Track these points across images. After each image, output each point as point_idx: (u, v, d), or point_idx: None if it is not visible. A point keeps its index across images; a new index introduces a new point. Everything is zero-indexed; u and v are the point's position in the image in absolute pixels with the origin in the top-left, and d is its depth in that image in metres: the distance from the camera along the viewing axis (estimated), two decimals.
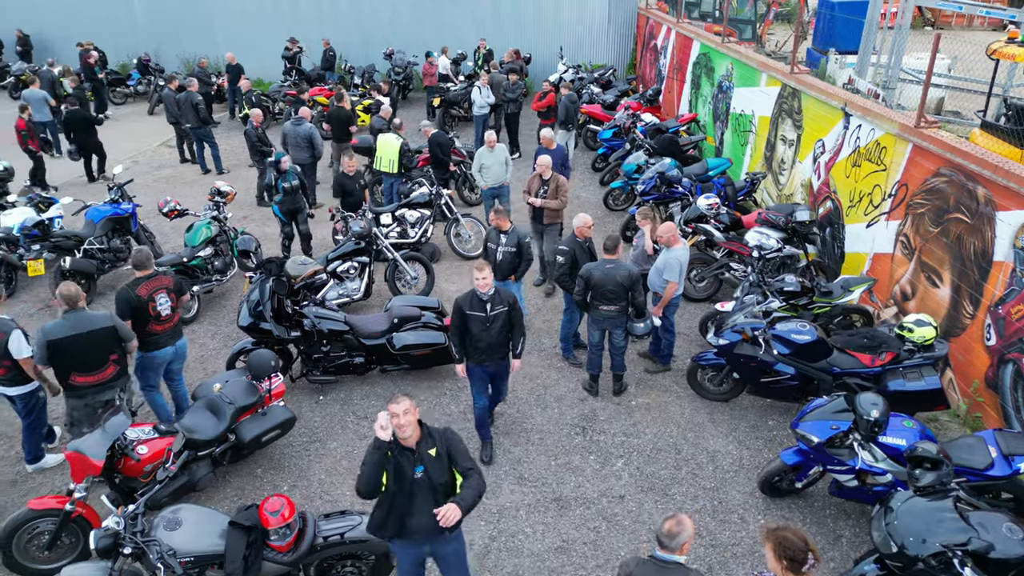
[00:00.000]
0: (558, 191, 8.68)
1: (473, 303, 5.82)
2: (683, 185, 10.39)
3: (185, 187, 13.59)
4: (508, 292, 5.95)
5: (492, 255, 7.54)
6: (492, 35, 19.43)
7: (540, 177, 8.82)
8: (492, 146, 10.06)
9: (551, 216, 8.82)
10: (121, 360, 5.71)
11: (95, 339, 5.49)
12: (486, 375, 6.14)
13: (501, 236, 7.54)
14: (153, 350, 6.13)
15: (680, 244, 7.10)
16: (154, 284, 6.07)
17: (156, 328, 6.09)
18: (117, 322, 5.59)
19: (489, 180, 10.07)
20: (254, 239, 8.38)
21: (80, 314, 5.52)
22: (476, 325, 5.81)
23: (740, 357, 6.60)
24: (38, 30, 21.66)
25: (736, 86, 12.42)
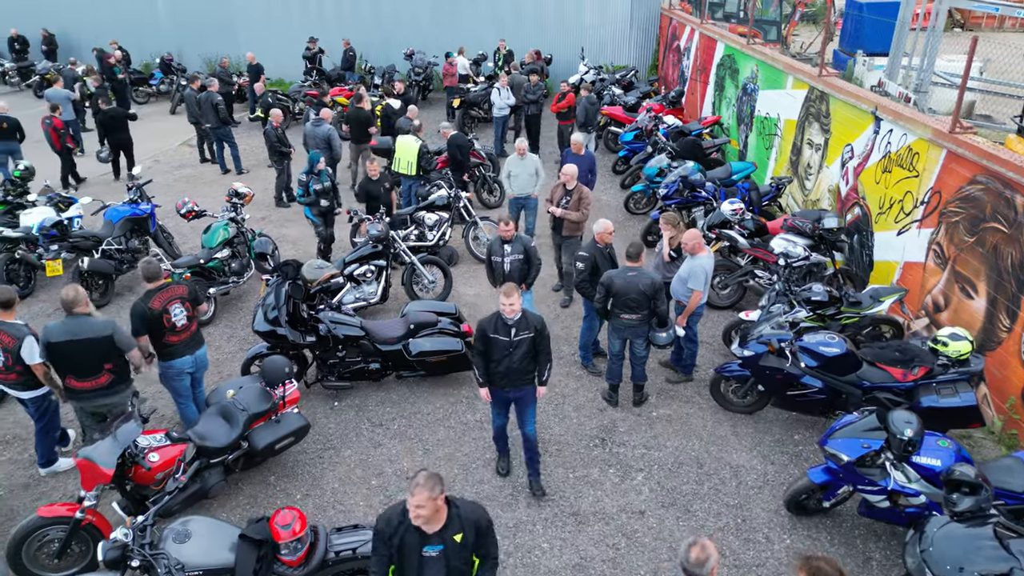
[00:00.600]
0: (580, 202, 8.38)
1: (497, 326, 5.47)
2: (706, 189, 10.18)
3: (205, 187, 13.60)
4: (536, 317, 5.60)
5: (499, 267, 7.30)
6: (513, 35, 19.29)
7: (564, 186, 8.54)
8: (522, 154, 9.71)
9: (571, 228, 8.52)
10: (118, 369, 5.58)
11: (91, 346, 5.41)
12: (509, 401, 5.84)
13: (505, 246, 7.28)
14: (171, 359, 6.04)
15: (705, 252, 6.91)
16: (167, 295, 5.96)
17: (173, 339, 5.99)
18: (116, 331, 5.46)
19: (516, 189, 9.76)
20: (271, 241, 8.31)
21: (80, 320, 5.45)
22: (498, 350, 5.48)
23: (766, 369, 6.40)
24: (63, 29, 21.88)
25: (761, 88, 12.17)
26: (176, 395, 6.25)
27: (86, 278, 8.82)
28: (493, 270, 7.45)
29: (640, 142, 13.28)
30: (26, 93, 20.84)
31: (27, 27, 21.58)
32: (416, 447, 6.53)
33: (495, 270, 7.40)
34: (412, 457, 6.40)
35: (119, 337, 5.46)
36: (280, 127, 12.06)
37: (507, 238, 7.25)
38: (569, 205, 8.40)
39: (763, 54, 12.07)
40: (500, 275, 7.29)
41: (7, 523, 5.62)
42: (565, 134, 14.20)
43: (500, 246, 7.29)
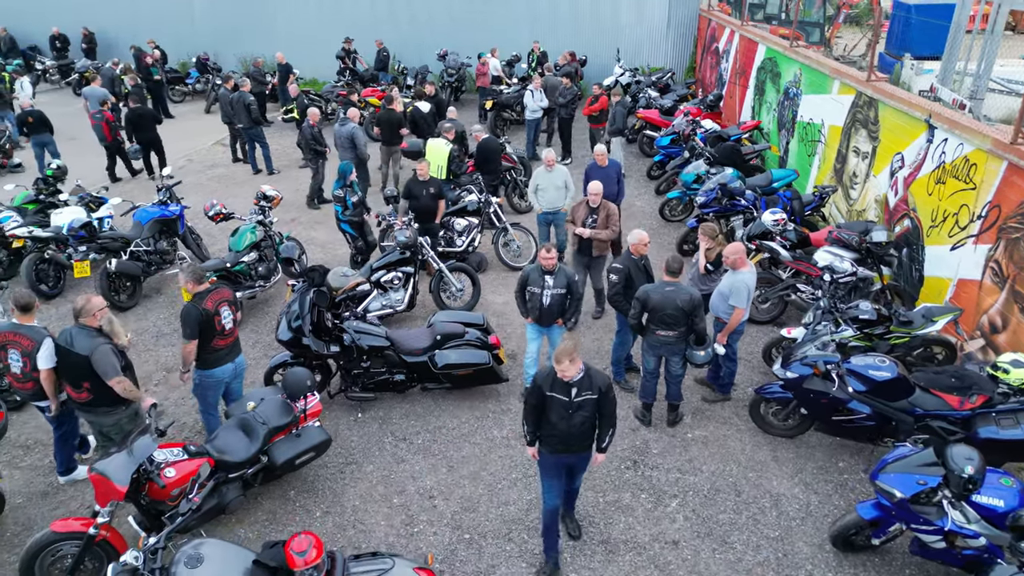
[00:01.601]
0: (608, 220, 7.91)
1: (555, 383, 4.73)
2: (746, 198, 9.80)
3: (236, 187, 13.57)
4: (602, 376, 4.81)
5: (536, 299, 6.59)
6: (547, 36, 19.03)
7: (587, 204, 8.02)
8: (551, 166, 9.18)
9: (600, 247, 8.05)
10: (96, 391, 5.31)
11: (75, 360, 5.26)
12: (561, 467, 5.03)
13: (547, 277, 6.53)
14: (212, 367, 5.89)
15: (747, 267, 6.57)
16: (218, 296, 5.85)
17: (220, 343, 5.86)
18: (96, 356, 5.18)
19: (544, 204, 9.24)
20: (298, 246, 8.17)
21: (80, 331, 5.31)
22: (556, 411, 4.75)
23: (810, 392, 6.05)
24: (102, 28, 22.15)
25: (804, 93, 11.74)
26: (204, 405, 6.11)
27: (114, 279, 8.78)
28: (527, 301, 6.69)
29: (676, 147, 12.92)
30: (65, 91, 21.14)
31: (68, 26, 21.90)
32: (440, 464, 6.31)
33: (530, 302, 6.64)
34: (436, 475, 6.18)
35: (96, 360, 5.18)
36: (317, 126, 11.99)
37: (549, 268, 6.51)
38: (597, 224, 7.92)
39: (807, 57, 11.64)
40: (536, 308, 6.60)
41: (23, 533, 5.53)
42: (597, 138, 13.93)
43: (540, 276, 6.54)
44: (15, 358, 5.49)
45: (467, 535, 5.56)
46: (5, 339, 5.52)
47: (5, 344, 5.52)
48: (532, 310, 6.68)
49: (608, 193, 9.22)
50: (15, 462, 6.34)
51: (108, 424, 5.51)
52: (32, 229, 8.99)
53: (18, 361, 5.48)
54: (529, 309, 6.71)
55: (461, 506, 5.83)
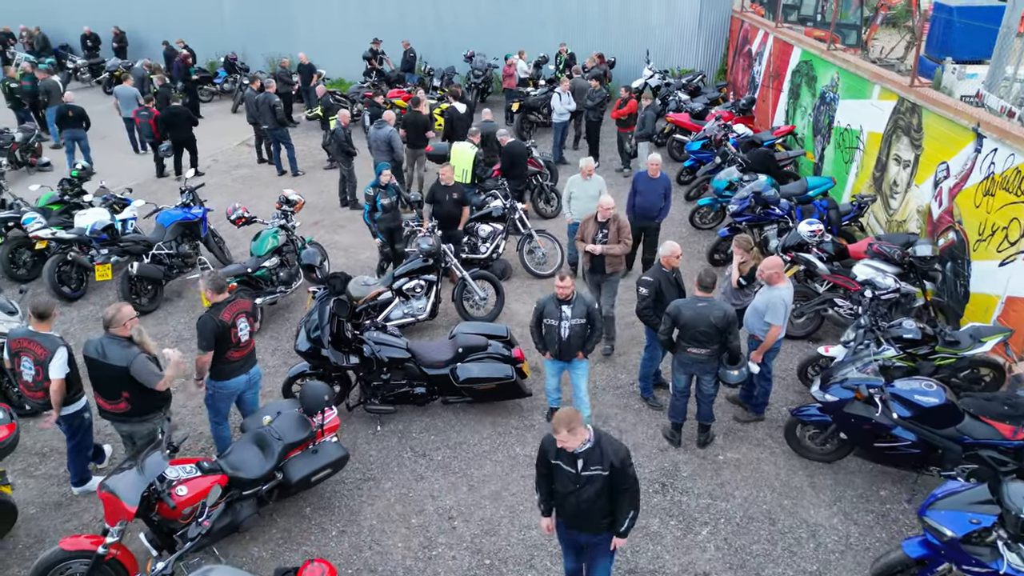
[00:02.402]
0: (620, 233, 7.43)
1: (560, 454, 4.15)
2: (781, 207, 9.46)
3: (260, 188, 13.50)
4: (617, 448, 4.13)
5: (554, 332, 6.10)
6: (576, 37, 18.76)
7: (595, 219, 7.49)
8: (588, 175, 8.85)
9: (613, 263, 7.54)
10: (136, 400, 5.23)
11: (111, 371, 5.14)
12: (578, 545, 4.52)
13: (564, 307, 6.05)
14: (226, 379, 5.75)
15: (785, 283, 6.26)
16: (236, 308, 5.70)
17: (235, 355, 5.71)
18: (135, 366, 5.08)
19: (577, 214, 8.82)
20: (319, 252, 8.02)
21: (111, 341, 5.15)
22: (562, 482, 4.20)
23: (851, 417, 5.73)
24: (133, 27, 22.33)
25: (842, 98, 11.34)
26: (215, 416, 5.96)
27: (135, 283, 8.69)
28: (543, 334, 6.23)
29: (707, 152, 12.58)
30: (96, 89, 21.31)
31: (99, 25, 22.09)
32: (460, 482, 6.09)
33: (548, 335, 6.18)
34: (456, 494, 5.96)
35: (136, 371, 5.08)
36: (348, 127, 11.88)
37: (565, 297, 6.06)
38: (608, 239, 7.43)
39: (846, 61, 11.24)
40: (555, 342, 6.13)
41: (35, 545, 5.42)
42: (624, 142, 13.64)
43: (556, 307, 6.06)
44: (27, 366, 5.38)
45: (487, 560, 5.33)
46: (20, 346, 5.42)
47: (19, 351, 5.42)
48: (550, 344, 6.20)
49: (651, 207, 8.95)
50: (30, 470, 6.25)
51: (143, 433, 5.40)
52: (55, 230, 8.95)
53: (30, 369, 5.37)
54: (547, 343, 6.24)
55: (481, 528, 5.61)
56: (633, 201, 9.04)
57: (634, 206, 9.03)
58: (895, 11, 21.57)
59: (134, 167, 14.62)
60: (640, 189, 8.99)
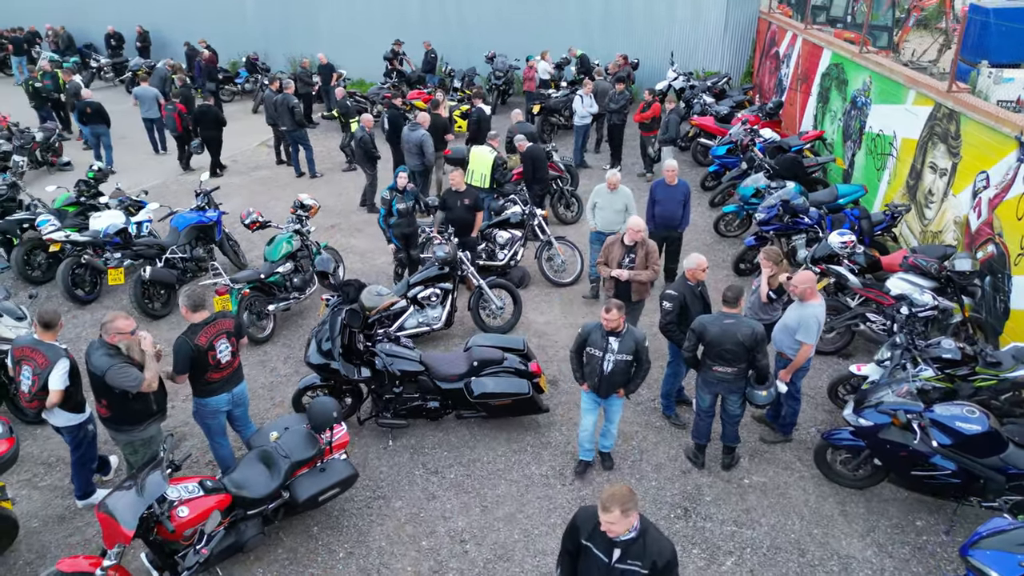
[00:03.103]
0: (648, 259, 6.96)
1: (596, 532, 3.62)
2: (810, 216, 9.12)
3: (278, 189, 13.38)
4: (665, 545, 3.60)
5: (595, 364, 5.57)
6: (599, 39, 18.48)
7: (622, 242, 7.00)
8: (613, 187, 8.47)
9: (640, 291, 7.12)
10: (116, 407, 5.07)
11: (91, 375, 5.02)
12: None
13: (611, 340, 5.52)
14: (207, 397, 5.53)
15: (818, 299, 5.95)
16: (214, 330, 5.43)
17: (214, 376, 5.48)
18: (111, 374, 4.88)
19: (601, 224, 8.54)
20: (333, 259, 7.84)
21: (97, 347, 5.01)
22: (589, 569, 3.68)
23: (886, 443, 5.42)
24: (156, 27, 22.38)
25: (875, 102, 10.96)
26: (209, 433, 5.75)
27: (147, 287, 8.57)
28: (583, 363, 5.74)
29: (733, 157, 12.24)
30: (119, 88, 21.38)
31: (124, 24, 22.18)
32: (473, 503, 5.86)
33: (588, 366, 5.67)
34: (468, 515, 5.73)
35: (111, 380, 4.89)
36: (371, 131, 11.71)
37: (614, 329, 5.53)
38: (635, 263, 6.98)
39: (879, 64, 10.86)
40: (595, 375, 5.61)
41: (36, 561, 5.28)
42: (647, 146, 13.34)
43: (603, 337, 5.54)
44: (26, 375, 5.24)
45: None
46: (22, 354, 5.28)
47: (21, 359, 5.28)
48: (589, 376, 5.69)
49: (671, 216, 8.64)
50: (35, 480, 6.12)
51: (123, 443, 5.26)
52: (69, 233, 8.85)
53: (28, 379, 5.23)
54: (586, 374, 5.74)
55: (495, 553, 5.37)
56: (652, 211, 8.74)
57: (654, 215, 8.74)
58: (927, 12, 21.04)
59: (154, 167, 14.60)
60: (659, 198, 8.68)
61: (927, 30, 21.97)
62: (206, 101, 13.70)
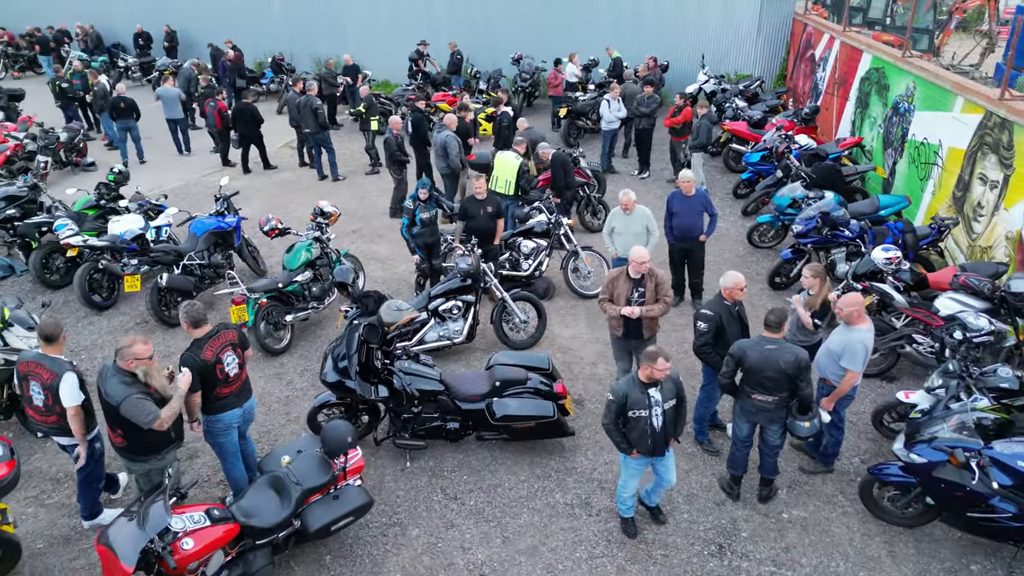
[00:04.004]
0: (659, 290, 6.23)
1: None
2: (851, 229, 8.68)
3: (299, 193, 13.20)
4: None
5: (643, 425, 4.96)
6: (629, 40, 18.04)
7: (627, 275, 6.23)
8: (628, 208, 7.82)
9: (652, 326, 6.36)
10: (129, 438, 4.80)
11: (105, 404, 4.73)
12: None
13: (652, 392, 4.94)
14: (218, 413, 5.30)
15: (866, 324, 5.54)
16: (219, 342, 5.20)
17: (224, 391, 5.24)
18: (126, 405, 4.60)
19: (621, 249, 7.88)
20: (352, 269, 7.58)
21: (113, 374, 4.72)
22: None
23: (941, 482, 5.02)
24: (184, 26, 22.39)
25: (918, 109, 10.46)
26: (222, 453, 5.50)
27: (164, 294, 8.40)
28: (631, 431, 5.04)
29: (767, 164, 11.81)
30: (146, 88, 21.40)
31: (152, 23, 22.23)
32: (493, 532, 5.55)
33: (635, 430, 5.00)
34: (489, 546, 5.43)
35: (126, 413, 4.61)
36: (399, 135, 11.46)
37: (656, 380, 4.93)
38: (645, 298, 6.25)
39: (923, 69, 10.36)
40: (646, 436, 4.98)
41: None
42: (678, 151, 12.94)
43: (642, 393, 4.92)
44: (36, 391, 5.04)
45: None
46: (28, 369, 5.09)
47: (27, 375, 5.08)
48: (640, 441, 5.01)
49: (690, 228, 8.25)
50: (42, 498, 5.93)
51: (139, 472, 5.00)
52: (87, 237, 8.71)
53: (39, 394, 5.04)
54: (635, 440, 5.03)
55: None
56: (670, 223, 8.36)
57: (672, 228, 8.37)
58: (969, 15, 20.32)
59: (178, 168, 14.52)
60: (676, 210, 8.27)
61: (966, 32, 21.23)
62: (244, 100, 13.74)
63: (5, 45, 23.76)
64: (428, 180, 8.85)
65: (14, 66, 23.36)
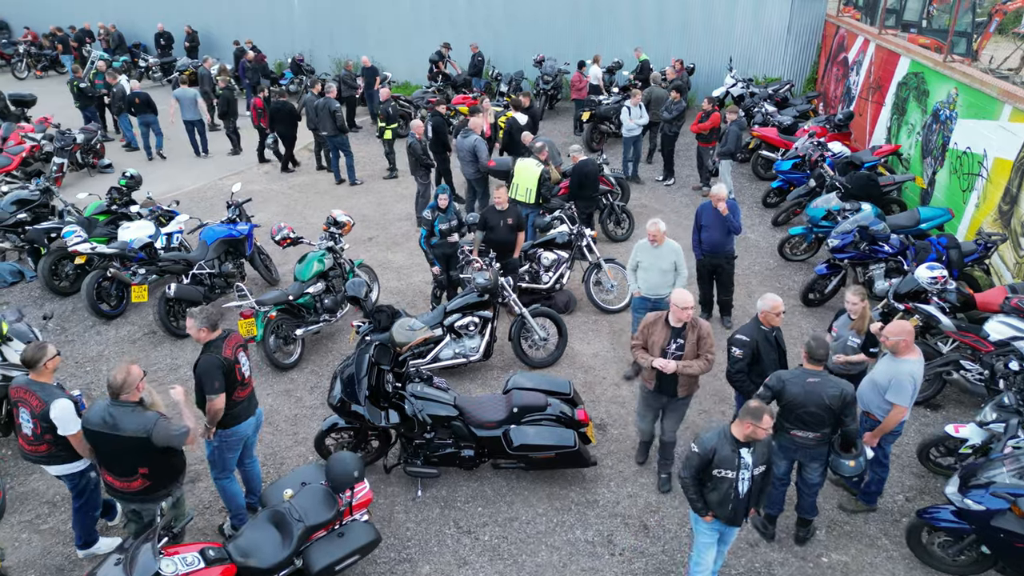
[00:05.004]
0: (700, 344, 5.38)
1: None
2: (891, 244, 8.21)
3: (316, 197, 12.95)
4: None
5: (727, 488, 4.35)
6: (655, 43, 17.60)
7: (664, 322, 5.45)
8: (657, 240, 6.85)
9: (688, 385, 5.55)
10: (155, 475, 4.51)
11: (126, 444, 4.36)
12: None
13: (743, 452, 4.32)
14: (233, 425, 5.04)
15: (915, 354, 5.11)
16: (233, 341, 5.06)
17: (241, 394, 5.03)
18: (156, 431, 4.33)
19: (645, 287, 7.05)
20: (365, 282, 7.26)
21: (122, 410, 4.38)
22: None
23: (1000, 532, 4.58)
24: (205, 26, 22.30)
25: (961, 116, 9.94)
26: (220, 471, 5.21)
27: (172, 305, 8.14)
28: (709, 486, 4.44)
29: (799, 172, 11.33)
30: (166, 88, 21.30)
31: (174, 23, 22.15)
32: (509, 572, 5.19)
33: (716, 491, 4.40)
34: None
35: (159, 436, 4.32)
36: (423, 140, 11.13)
37: (753, 439, 4.32)
38: (685, 351, 5.41)
39: (967, 75, 9.85)
40: (728, 501, 4.38)
41: None
42: (705, 158, 12.49)
43: (733, 451, 4.32)
44: (25, 418, 4.77)
45: None
46: (18, 396, 4.81)
47: (18, 401, 4.80)
48: (719, 506, 4.43)
49: (720, 243, 7.78)
50: (36, 523, 5.66)
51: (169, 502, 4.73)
52: (95, 244, 8.48)
53: (28, 422, 4.76)
54: (713, 504, 4.45)
55: None
56: (698, 236, 7.93)
57: (700, 242, 7.94)
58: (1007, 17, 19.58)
59: (194, 171, 14.33)
60: (705, 223, 7.82)
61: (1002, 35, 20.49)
62: (281, 98, 13.71)
63: (28, 44, 23.83)
64: (448, 186, 8.50)
65: (37, 65, 23.41)
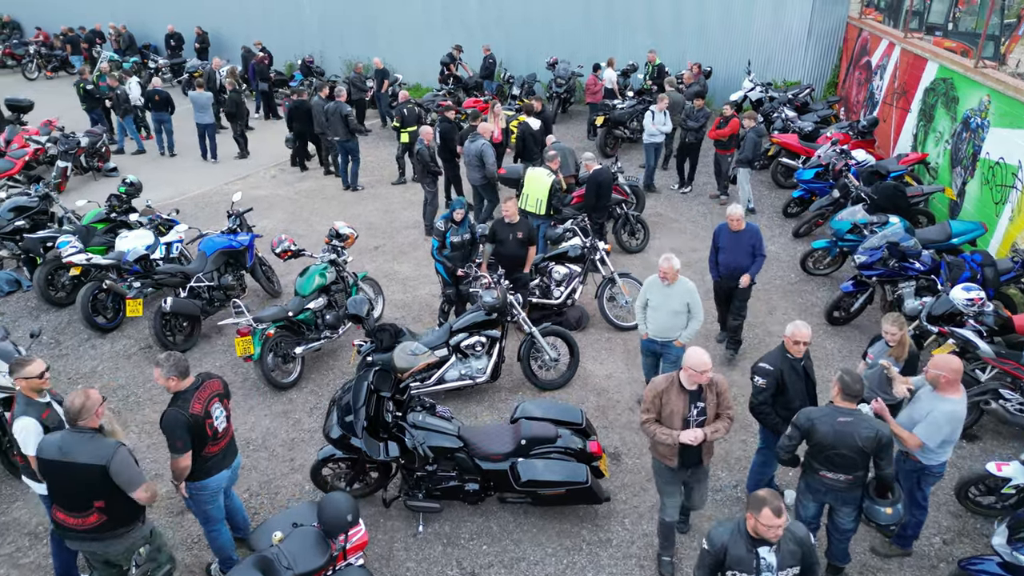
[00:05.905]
0: (720, 402, 4.76)
1: None
2: (922, 260, 7.78)
3: (323, 202, 12.65)
4: None
5: None
6: (671, 45, 17.16)
7: (678, 386, 4.71)
8: (669, 279, 6.16)
9: (711, 449, 4.94)
10: (112, 511, 4.10)
11: (80, 474, 3.99)
12: None
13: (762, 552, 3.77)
14: (204, 478, 4.64)
15: (958, 394, 4.69)
16: (206, 393, 4.56)
17: (212, 450, 4.60)
18: (115, 462, 3.97)
19: (653, 329, 6.37)
20: (368, 300, 6.93)
21: (79, 437, 4.03)
22: None
23: None
24: (215, 28, 22.10)
25: (994, 125, 9.48)
26: (207, 521, 4.85)
27: (168, 319, 7.84)
28: None
29: (822, 182, 10.89)
30: (176, 90, 21.10)
31: (184, 24, 21.97)
32: None
33: None
34: None
35: (117, 470, 3.97)
36: (431, 145, 10.80)
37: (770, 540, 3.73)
38: (707, 418, 4.74)
39: (1000, 82, 9.39)
40: None
41: None
42: (723, 165, 12.06)
43: (750, 551, 3.77)
44: None
45: None
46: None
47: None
48: None
49: (738, 266, 7.34)
50: (16, 556, 5.36)
51: (119, 551, 4.28)
52: (90, 256, 8.20)
53: None
54: None
55: None
56: (716, 258, 7.46)
57: (717, 263, 7.48)
58: None
59: (200, 175, 14.08)
60: (723, 244, 7.31)
61: None
62: (300, 96, 13.61)
63: (40, 45, 23.73)
64: (464, 199, 8.16)
65: (47, 66, 23.29)
